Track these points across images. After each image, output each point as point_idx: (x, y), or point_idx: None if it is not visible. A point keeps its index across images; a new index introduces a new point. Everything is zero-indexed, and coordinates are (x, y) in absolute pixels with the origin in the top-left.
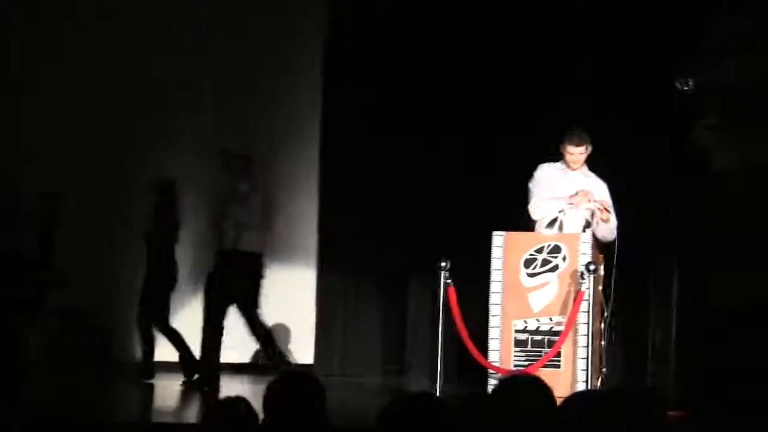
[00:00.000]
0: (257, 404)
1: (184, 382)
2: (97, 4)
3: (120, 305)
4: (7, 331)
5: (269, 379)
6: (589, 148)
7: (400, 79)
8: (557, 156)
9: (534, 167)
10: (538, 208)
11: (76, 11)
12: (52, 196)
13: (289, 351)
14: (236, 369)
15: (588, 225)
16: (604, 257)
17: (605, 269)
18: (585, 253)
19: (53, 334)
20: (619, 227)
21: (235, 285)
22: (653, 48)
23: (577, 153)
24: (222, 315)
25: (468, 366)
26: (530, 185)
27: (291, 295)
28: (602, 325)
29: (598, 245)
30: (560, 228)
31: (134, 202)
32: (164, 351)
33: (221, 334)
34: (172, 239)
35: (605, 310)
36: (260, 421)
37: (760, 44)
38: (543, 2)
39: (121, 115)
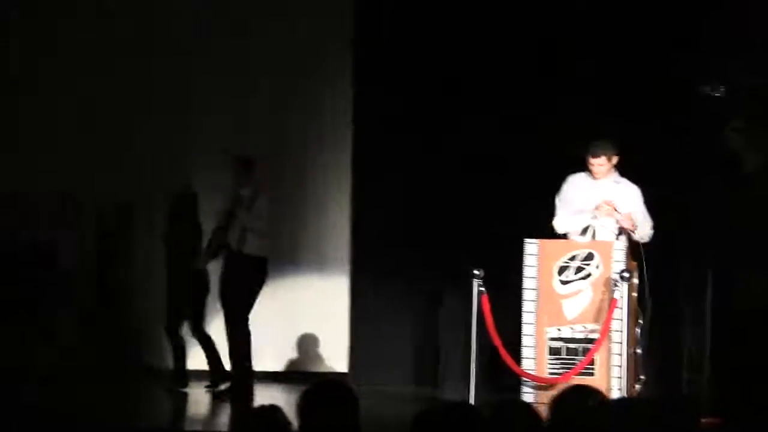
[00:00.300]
0: (291, 413)
1: (207, 386)
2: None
3: (151, 311)
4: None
5: (303, 387)
6: (614, 158)
7: (432, 82)
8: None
9: (566, 175)
10: (562, 223)
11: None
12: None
13: (323, 359)
14: (271, 377)
15: (621, 232)
16: (637, 264)
17: (639, 276)
18: (618, 260)
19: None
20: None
21: (248, 289)
22: (679, 51)
23: (597, 164)
24: (245, 321)
25: (502, 374)
26: (556, 199)
27: (324, 303)
28: (637, 332)
29: (631, 252)
30: (593, 236)
31: (155, 206)
32: (196, 359)
33: (248, 341)
34: (195, 243)
35: (640, 317)
36: (294, 430)
37: None
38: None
39: (155, 115)
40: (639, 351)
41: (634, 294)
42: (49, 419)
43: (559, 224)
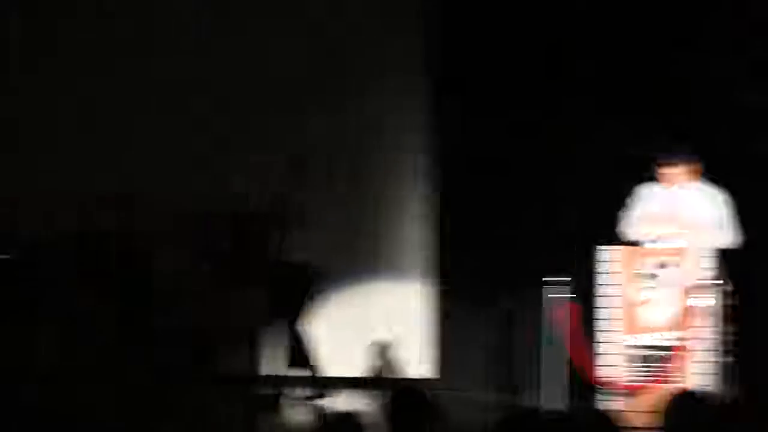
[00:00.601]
0: (374, 419)
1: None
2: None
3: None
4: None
5: (386, 394)
6: (687, 167)
7: (516, 81)
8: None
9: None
10: (634, 230)
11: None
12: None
13: (404, 365)
14: (353, 383)
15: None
16: (723, 270)
17: (722, 282)
18: (699, 266)
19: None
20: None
21: (296, 296)
22: None
23: (666, 172)
24: (302, 327)
25: (579, 382)
26: (629, 205)
27: (404, 309)
28: (722, 340)
29: (717, 258)
30: (667, 242)
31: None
32: (274, 365)
33: (308, 347)
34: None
35: (724, 324)
36: None
37: None
38: None
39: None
40: (725, 359)
41: (718, 300)
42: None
43: (631, 231)
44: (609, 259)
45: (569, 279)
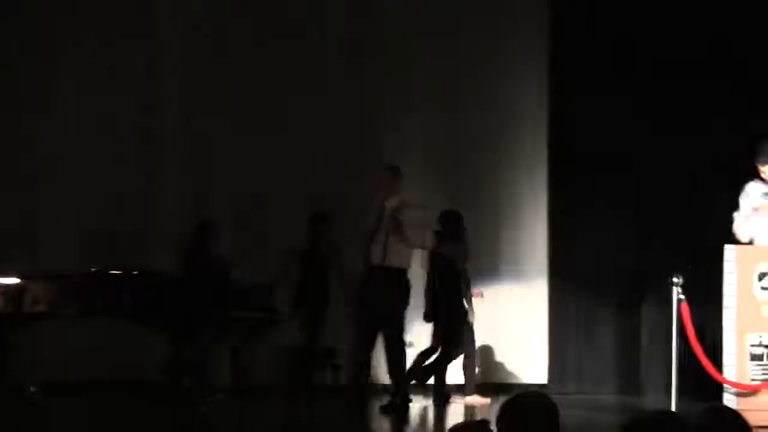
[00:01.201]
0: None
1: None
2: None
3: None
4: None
5: (504, 397)
6: None
7: (629, 82)
8: None
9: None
10: (743, 230)
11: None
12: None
13: (522, 369)
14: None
15: None
16: None
17: None
18: None
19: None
20: None
21: (393, 302)
22: None
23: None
24: (400, 335)
25: (704, 381)
26: (740, 200)
27: (522, 313)
28: None
29: None
30: None
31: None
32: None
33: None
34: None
35: None
36: None
37: None
38: None
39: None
40: None
41: None
42: None
43: (740, 231)
44: (733, 258)
45: (692, 279)
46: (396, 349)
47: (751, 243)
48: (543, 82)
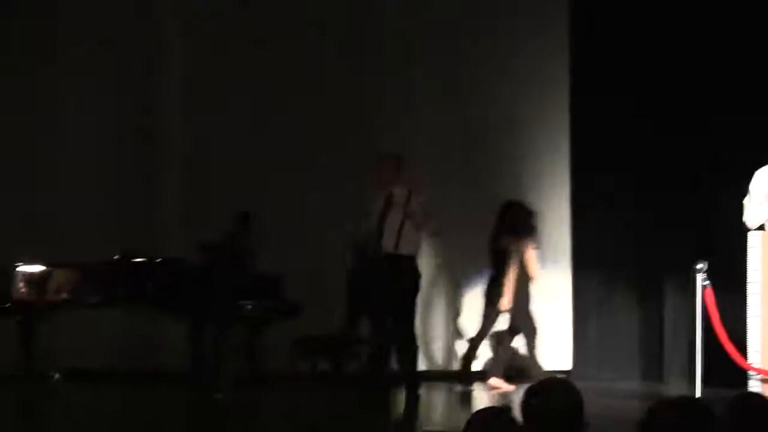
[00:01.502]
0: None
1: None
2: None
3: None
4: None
5: (528, 384)
6: None
7: (651, 79)
8: None
9: None
10: (753, 216)
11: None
12: None
13: (547, 355)
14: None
15: None
16: None
17: None
18: None
19: None
20: None
21: (404, 289)
22: None
23: None
24: (411, 323)
25: (727, 368)
26: (750, 188)
27: (546, 301)
28: None
29: None
30: None
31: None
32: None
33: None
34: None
35: None
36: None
37: None
38: None
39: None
40: None
41: None
42: None
43: (750, 218)
44: (757, 244)
45: (717, 264)
46: (406, 338)
47: (762, 229)
48: (565, 79)
